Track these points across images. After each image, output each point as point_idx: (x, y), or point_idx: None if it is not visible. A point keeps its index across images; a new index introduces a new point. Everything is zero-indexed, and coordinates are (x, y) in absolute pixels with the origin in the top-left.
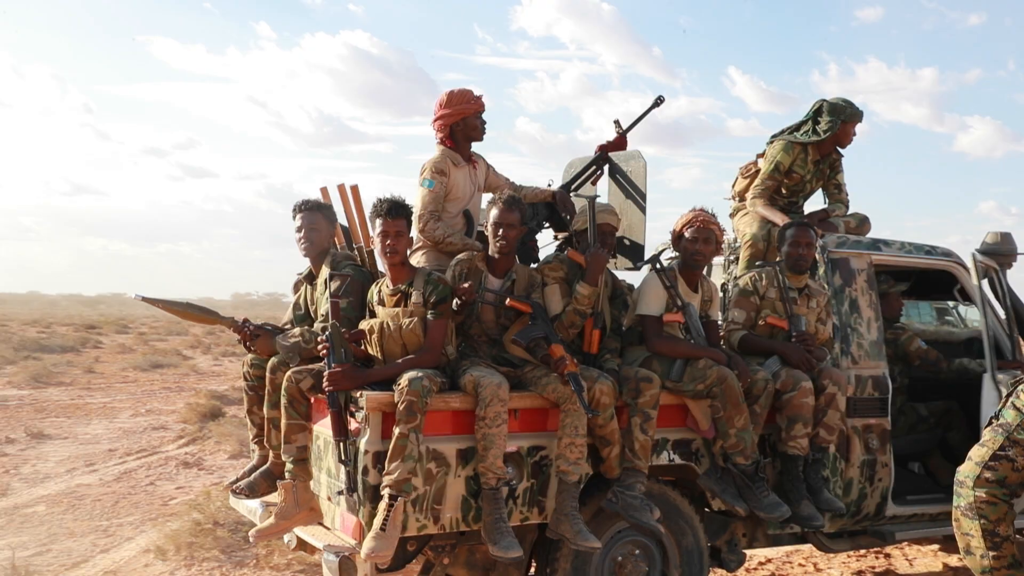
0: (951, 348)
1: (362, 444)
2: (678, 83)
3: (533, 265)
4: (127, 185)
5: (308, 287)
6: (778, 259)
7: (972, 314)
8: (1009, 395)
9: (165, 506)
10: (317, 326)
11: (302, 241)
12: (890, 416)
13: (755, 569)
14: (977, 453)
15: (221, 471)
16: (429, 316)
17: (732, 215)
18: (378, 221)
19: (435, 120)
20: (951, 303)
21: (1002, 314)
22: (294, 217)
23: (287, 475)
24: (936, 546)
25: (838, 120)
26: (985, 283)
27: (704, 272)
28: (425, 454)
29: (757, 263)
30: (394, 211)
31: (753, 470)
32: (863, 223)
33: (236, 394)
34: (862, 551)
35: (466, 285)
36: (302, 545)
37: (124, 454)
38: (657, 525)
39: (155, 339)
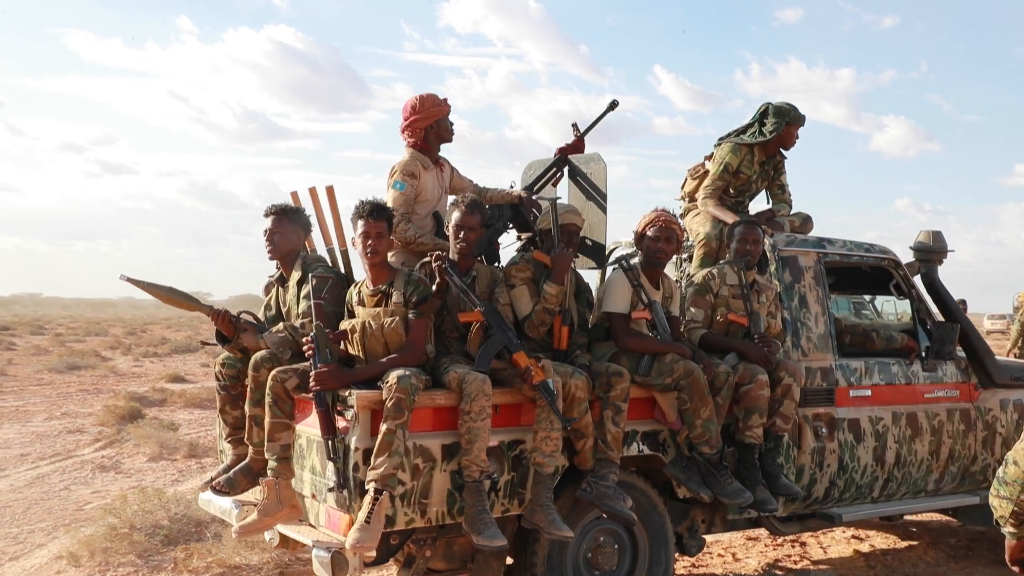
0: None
1: (352, 441)
2: (605, 81)
3: (497, 265)
4: (42, 182)
5: (279, 288)
6: (727, 256)
7: (888, 308)
8: None
9: (80, 511)
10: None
11: (267, 244)
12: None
13: (675, 561)
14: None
15: (139, 474)
16: (410, 315)
17: (683, 215)
18: (360, 222)
19: (407, 124)
20: (867, 297)
21: (934, 307)
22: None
23: (270, 472)
24: (850, 533)
25: (783, 122)
26: (917, 278)
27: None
28: (412, 450)
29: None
30: (375, 213)
31: (717, 459)
32: (806, 222)
33: (156, 395)
34: (779, 540)
35: (436, 263)
36: (284, 542)
37: (37, 459)
38: (631, 513)
39: (72, 340)
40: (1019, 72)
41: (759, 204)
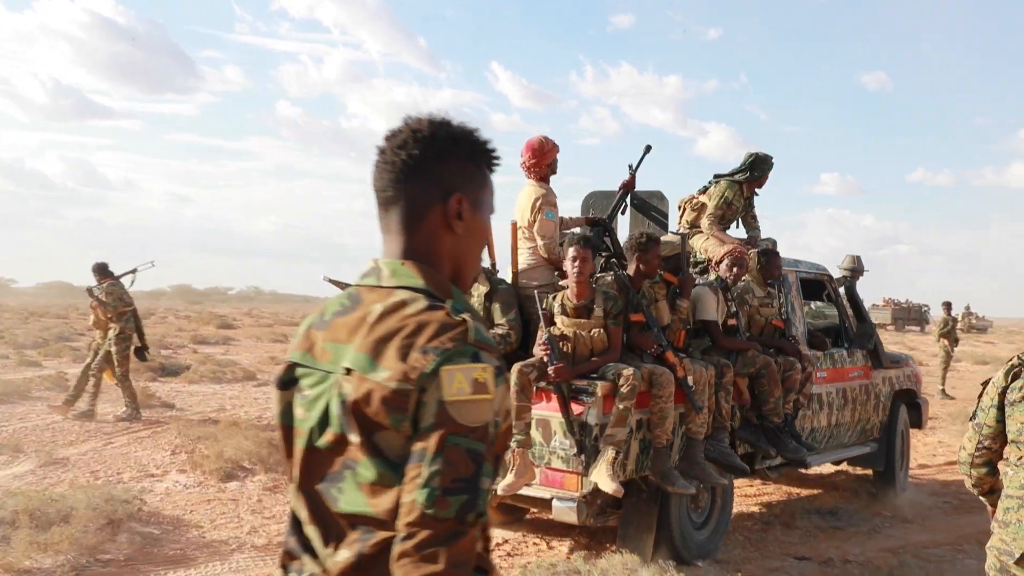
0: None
1: (590, 418)
2: (443, 75)
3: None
4: None
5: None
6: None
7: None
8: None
9: None
10: (498, 330)
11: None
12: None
13: (492, 551)
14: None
15: None
16: (609, 324)
17: (688, 239)
18: (571, 249)
19: (535, 162)
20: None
21: (850, 311)
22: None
23: (515, 444)
24: None
25: (767, 168)
26: (842, 289)
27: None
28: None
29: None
30: (584, 242)
31: (782, 426)
32: (774, 245)
33: None
34: (592, 529)
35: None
36: (514, 500)
37: None
38: (744, 465)
39: None
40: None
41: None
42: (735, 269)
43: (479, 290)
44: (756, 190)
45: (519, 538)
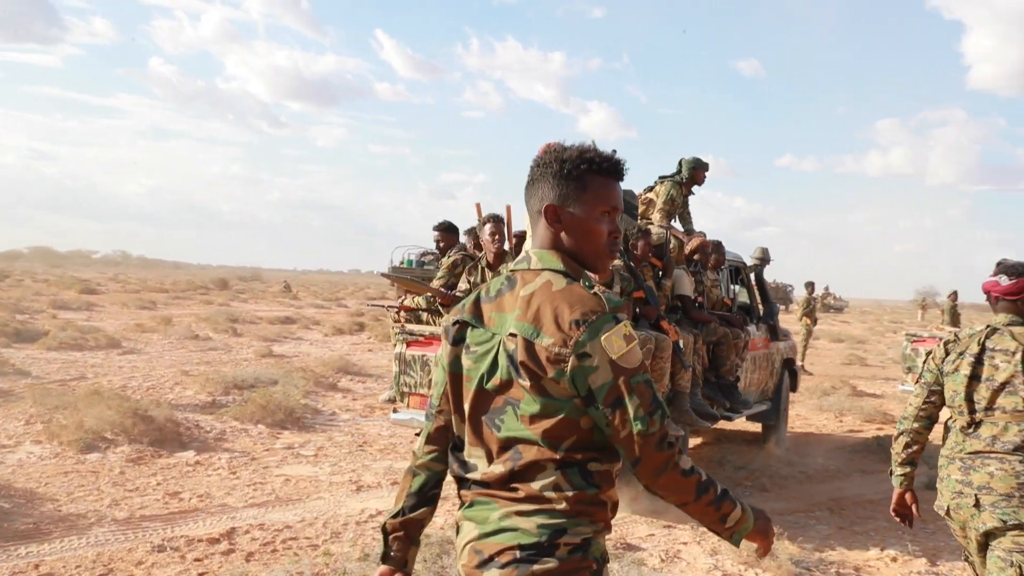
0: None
1: None
2: (326, 40)
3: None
4: None
5: (490, 273)
6: (697, 259)
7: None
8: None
9: None
10: None
11: (494, 243)
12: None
13: (366, 521)
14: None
15: None
16: (624, 300)
17: None
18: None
19: None
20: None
21: (758, 294)
22: (482, 226)
23: None
24: None
25: (696, 169)
26: (752, 275)
27: None
28: None
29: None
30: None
31: (734, 383)
32: (705, 236)
33: None
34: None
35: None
36: None
37: None
38: (717, 413)
39: None
40: (705, 72)
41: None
42: (713, 256)
43: (508, 267)
44: (693, 189)
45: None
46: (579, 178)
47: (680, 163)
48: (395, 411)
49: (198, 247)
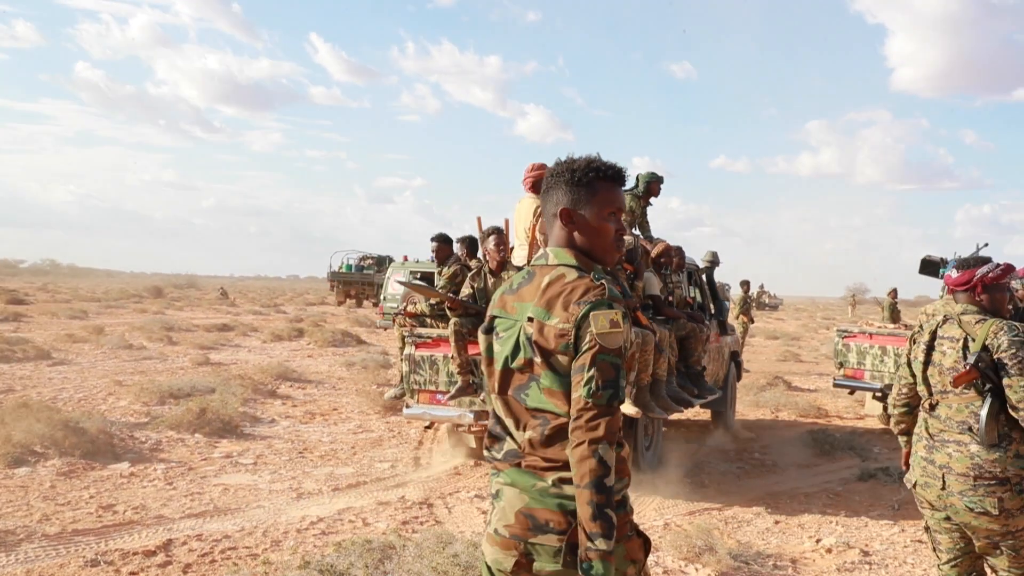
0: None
1: None
2: (260, 44)
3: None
4: None
5: (488, 279)
6: (663, 262)
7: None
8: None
9: None
10: None
11: (498, 253)
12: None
13: (307, 529)
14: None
15: None
16: None
17: None
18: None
19: (531, 181)
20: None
21: (709, 294)
22: (486, 237)
23: None
24: (473, 494)
25: (651, 182)
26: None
27: None
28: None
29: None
30: None
31: (701, 372)
32: (667, 243)
33: None
34: (408, 504)
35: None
36: None
37: None
38: (689, 398)
39: None
40: (639, 75)
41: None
42: (675, 260)
43: (510, 273)
44: (650, 200)
45: (335, 516)
46: (588, 184)
47: (637, 178)
48: (407, 407)
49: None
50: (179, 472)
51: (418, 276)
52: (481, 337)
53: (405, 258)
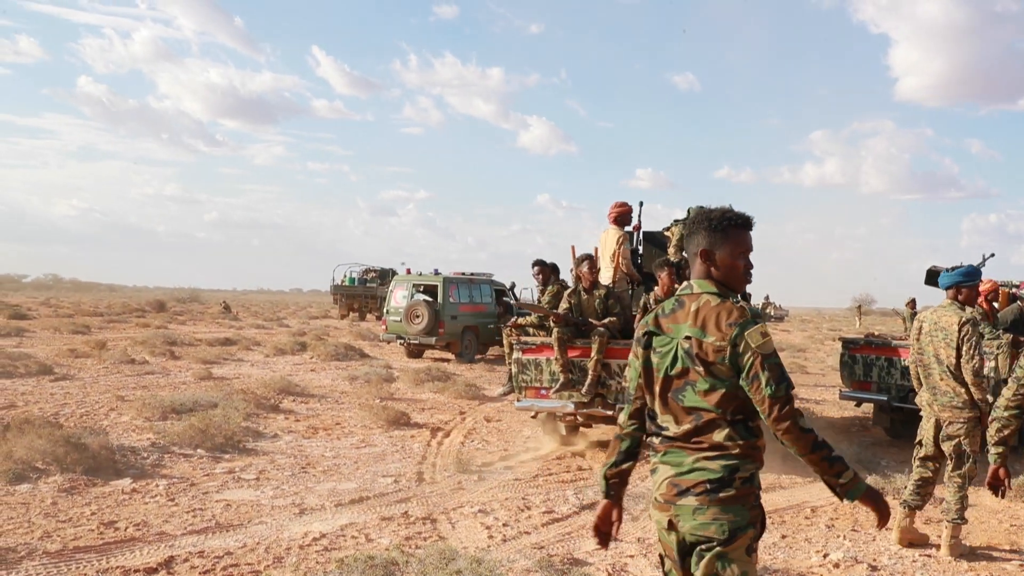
0: None
1: None
2: (262, 57)
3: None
4: None
5: (585, 295)
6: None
7: None
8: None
9: None
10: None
11: (591, 275)
12: None
13: (309, 545)
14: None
15: None
16: None
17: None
18: (664, 270)
19: (615, 216)
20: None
21: None
22: (580, 262)
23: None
24: (477, 509)
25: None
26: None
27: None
28: None
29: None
30: (669, 264)
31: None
32: None
33: None
34: (411, 519)
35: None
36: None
37: None
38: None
39: None
40: (642, 86)
41: None
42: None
43: (601, 290)
44: None
45: (337, 532)
46: (723, 230)
47: (688, 210)
48: (518, 400)
49: (134, 269)
50: (181, 488)
51: (421, 289)
52: (639, 351)
53: (408, 271)
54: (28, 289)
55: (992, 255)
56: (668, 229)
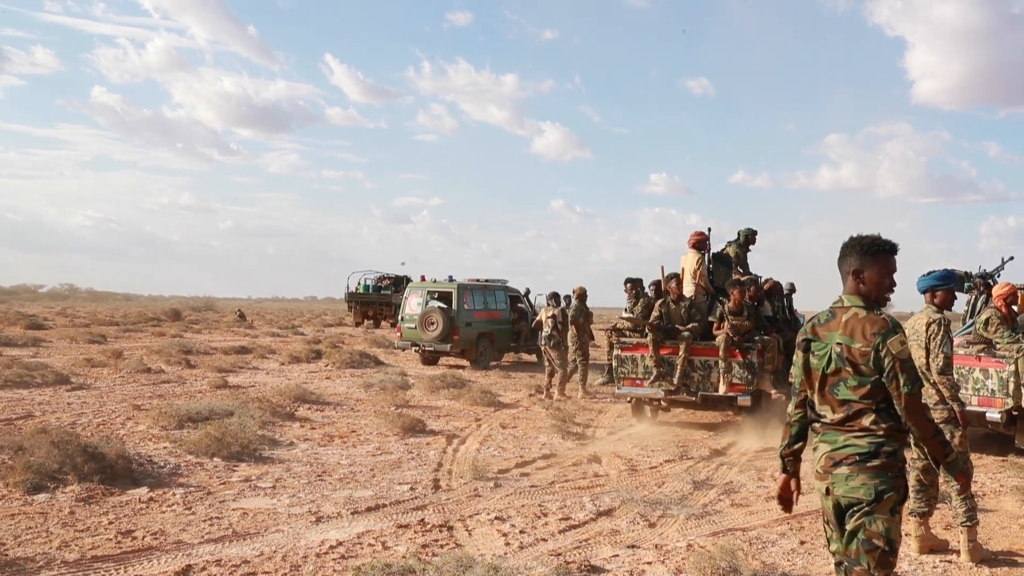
0: None
1: (754, 359)
2: (276, 66)
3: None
4: None
5: (672, 305)
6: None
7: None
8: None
9: None
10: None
11: (678, 289)
12: None
13: (326, 553)
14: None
15: None
16: (749, 320)
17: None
18: (737, 288)
19: (694, 242)
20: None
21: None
22: (669, 280)
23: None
24: (493, 516)
25: (749, 234)
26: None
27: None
28: None
29: None
30: (740, 284)
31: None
32: (772, 279)
33: None
34: (428, 527)
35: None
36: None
37: None
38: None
39: None
40: (656, 91)
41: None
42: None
43: (686, 301)
44: (749, 248)
45: (354, 540)
46: (872, 254)
47: (739, 233)
48: (617, 388)
49: (149, 278)
50: (198, 496)
51: (436, 296)
52: (800, 354)
53: (423, 278)
54: (44, 299)
55: (1011, 258)
56: (724, 250)
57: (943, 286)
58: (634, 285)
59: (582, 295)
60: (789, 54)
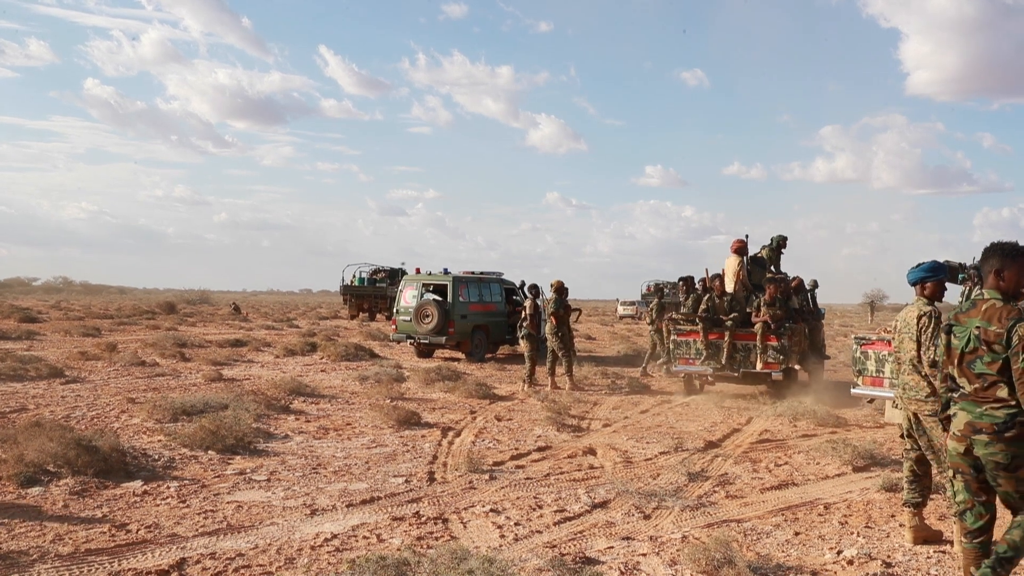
0: None
1: (785, 342)
2: (270, 58)
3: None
4: None
5: (717, 300)
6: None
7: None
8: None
9: None
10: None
11: (722, 285)
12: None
13: (321, 546)
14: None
15: None
16: (780, 311)
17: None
18: (771, 285)
19: (736, 248)
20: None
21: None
22: (714, 279)
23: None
24: (488, 508)
25: (780, 241)
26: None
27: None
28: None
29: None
30: (775, 281)
31: (822, 346)
32: (800, 278)
33: None
34: (423, 519)
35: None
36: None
37: None
38: (823, 359)
39: None
40: (650, 83)
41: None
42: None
43: (728, 296)
44: (781, 251)
45: (349, 532)
46: (1013, 257)
47: (771, 239)
48: (671, 368)
49: (143, 271)
50: (192, 490)
51: (431, 288)
52: (943, 336)
53: (418, 270)
54: (39, 292)
55: None
56: (759, 253)
57: (932, 277)
58: (687, 282)
59: (560, 288)
60: (784, 45)
